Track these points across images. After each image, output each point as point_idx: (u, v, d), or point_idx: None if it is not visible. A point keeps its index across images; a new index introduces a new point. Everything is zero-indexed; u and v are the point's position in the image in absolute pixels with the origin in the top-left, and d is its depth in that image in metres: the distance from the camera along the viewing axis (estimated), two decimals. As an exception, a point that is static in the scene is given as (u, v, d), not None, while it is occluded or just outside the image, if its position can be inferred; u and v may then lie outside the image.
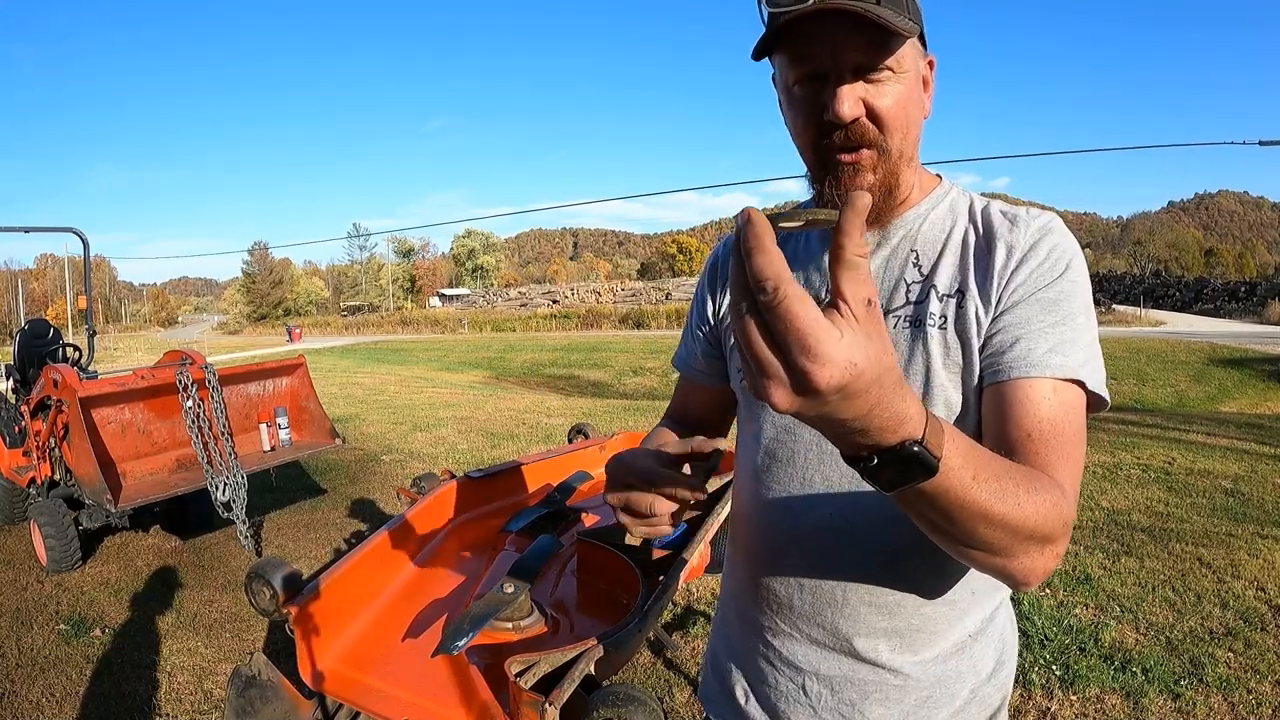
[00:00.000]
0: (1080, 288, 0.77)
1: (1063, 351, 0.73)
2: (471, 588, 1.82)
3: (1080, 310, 0.76)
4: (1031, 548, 0.64)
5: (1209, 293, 39.48)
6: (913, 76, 0.78)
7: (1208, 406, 13.23)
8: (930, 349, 0.79)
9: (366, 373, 18.05)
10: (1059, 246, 0.78)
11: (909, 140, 0.80)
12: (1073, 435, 0.72)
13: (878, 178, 0.80)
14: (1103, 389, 0.75)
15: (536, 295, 51.77)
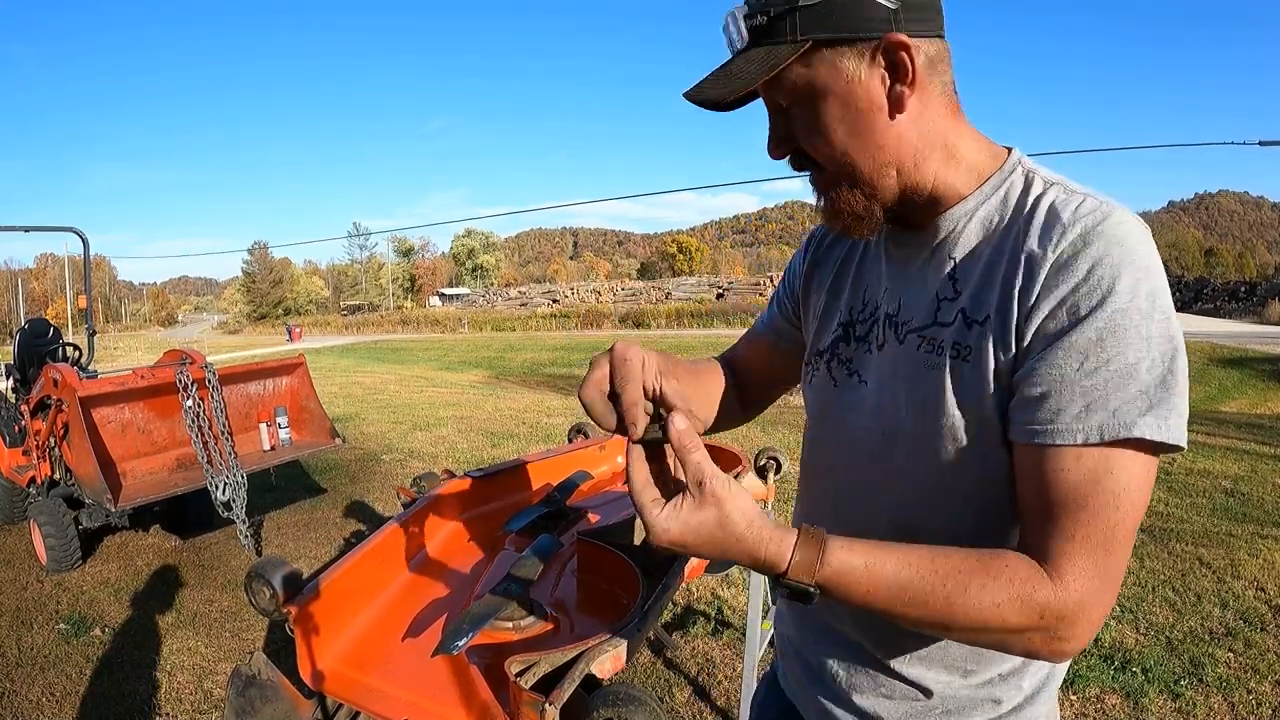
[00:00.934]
0: (1133, 313, 0.63)
1: (1099, 408, 0.63)
2: (471, 588, 1.82)
3: (1132, 344, 0.63)
4: (1010, 639, 0.64)
5: (1209, 293, 39.48)
6: (832, 100, 0.72)
7: (1208, 406, 13.22)
8: (944, 382, 0.72)
9: (366, 372, 18.05)
10: (1102, 262, 0.64)
11: (863, 156, 0.73)
12: (1099, 510, 0.63)
13: (839, 191, 0.76)
14: (1171, 435, 0.63)
15: (536, 295, 51.76)
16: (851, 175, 0.74)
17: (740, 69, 0.72)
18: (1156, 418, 0.63)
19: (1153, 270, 0.65)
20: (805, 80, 0.72)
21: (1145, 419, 0.63)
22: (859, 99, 0.71)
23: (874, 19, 0.69)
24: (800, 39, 0.69)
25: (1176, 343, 0.65)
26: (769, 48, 0.71)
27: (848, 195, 0.76)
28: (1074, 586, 0.63)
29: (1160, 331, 0.64)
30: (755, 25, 0.71)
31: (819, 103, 0.72)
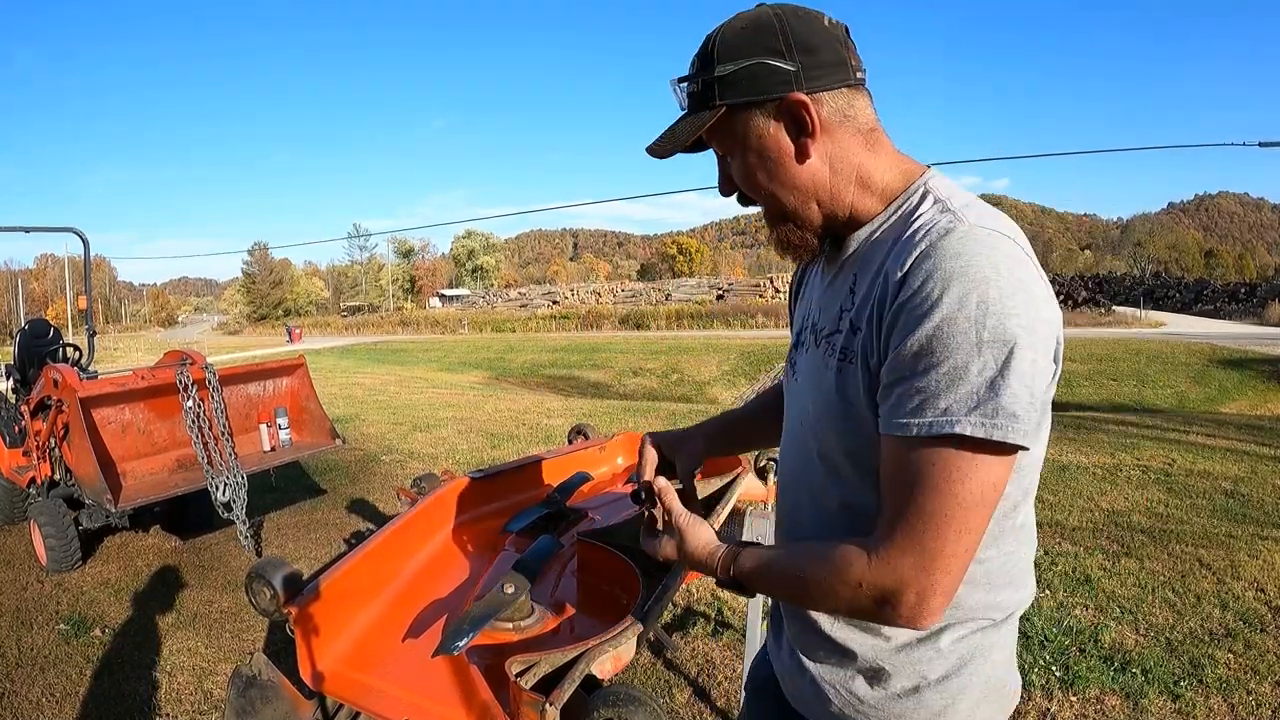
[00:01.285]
0: (961, 320, 0.70)
1: (930, 406, 0.72)
2: (471, 588, 1.82)
3: (960, 349, 0.70)
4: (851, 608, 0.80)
5: (1209, 294, 39.48)
6: (750, 153, 0.87)
7: (1208, 408, 13.24)
8: (835, 382, 0.85)
9: (366, 373, 18.05)
10: (933, 275, 0.73)
11: (785, 196, 0.87)
12: (924, 499, 0.73)
13: (776, 225, 0.91)
14: (995, 433, 0.70)
15: (536, 296, 51.75)
16: (781, 211, 0.89)
17: (678, 131, 0.90)
18: (981, 416, 0.70)
19: (989, 280, 0.71)
20: (728, 137, 0.88)
21: (970, 418, 0.70)
22: (770, 150, 0.86)
23: (776, 82, 0.83)
24: (718, 104, 0.86)
25: (1014, 345, 0.70)
26: (697, 113, 0.88)
27: (784, 228, 0.91)
28: (890, 563, 0.74)
29: (992, 336, 0.70)
30: (690, 93, 0.89)
31: (742, 154, 0.88)
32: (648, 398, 16.21)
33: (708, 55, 0.86)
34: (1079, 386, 15.76)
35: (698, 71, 0.88)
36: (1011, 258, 0.73)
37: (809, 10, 0.85)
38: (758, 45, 0.83)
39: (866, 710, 0.89)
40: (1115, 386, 15.64)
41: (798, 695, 0.98)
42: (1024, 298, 0.72)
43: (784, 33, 0.83)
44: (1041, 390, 0.73)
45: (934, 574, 0.73)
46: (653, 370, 21.75)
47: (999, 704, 0.91)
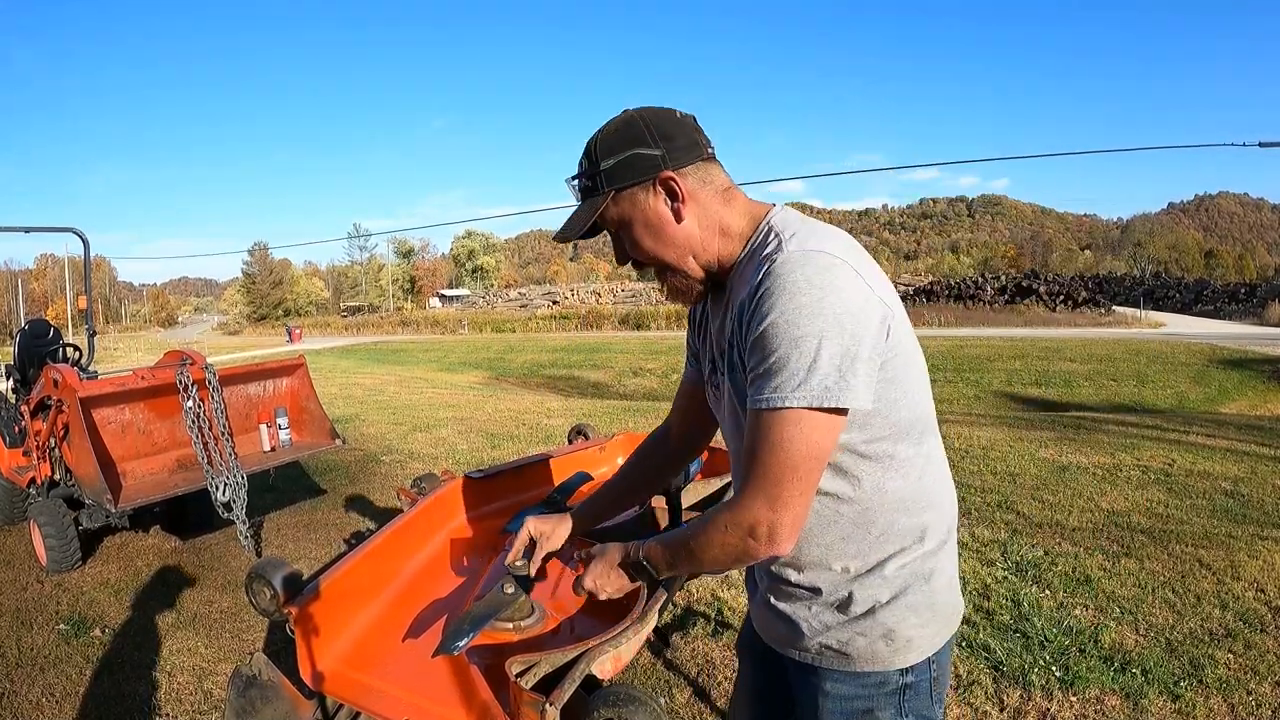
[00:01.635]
0: (781, 324, 0.94)
1: (767, 387, 0.95)
2: (471, 588, 1.82)
3: (783, 344, 0.94)
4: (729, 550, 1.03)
5: (1209, 294, 39.49)
6: (636, 224, 1.10)
7: (1208, 408, 13.24)
8: (730, 390, 1.10)
9: (366, 373, 18.05)
10: (769, 292, 0.96)
11: (669, 254, 1.11)
12: (767, 455, 0.96)
13: (667, 278, 1.14)
14: (799, 399, 0.93)
15: (536, 296, 51.77)
16: (668, 266, 1.12)
17: (576, 219, 1.12)
18: (802, 391, 0.93)
19: (800, 290, 0.94)
20: (618, 215, 1.11)
21: (795, 394, 0.93)
22: (653, 218, 1.09)
23: (649, 166, 1.07)
24: (605, 191, 1.09)
25: (821, 338, 0.92)
26: (590, 201, 1.11)
27: (673, 279, 1.14)
28: (746, 506, 0.99)
29: (802, 333, 0.93)
30: (582, 188, 1.12)
31: (631, 225, 1.11)
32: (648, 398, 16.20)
33: (591, 155, 1.10)
34: (1079, 386, 15.76)
35: (585, 169, 1.11)
36: (821, 268, 0.95)
37: (663, 109, 1.11)
38: (630, 140, 1.07)
39: (834, 633, 1.09)
40: (1115, 387, 15.64)
41: (775, 636, 1.19)
42: (831, 299, 0.93)
43: (648, 128, 1.07)
44: (858, 366, 0.94)
45: (779, 511, 0.97)
46: (653, 370, 21.75)
47: (943, 621, 1.11)
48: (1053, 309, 32.45)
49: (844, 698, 1.11)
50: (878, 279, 1.02)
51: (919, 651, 1.09)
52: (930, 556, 1.09)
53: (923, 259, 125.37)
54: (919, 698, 1.11)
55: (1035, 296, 33.85)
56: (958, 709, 2.49)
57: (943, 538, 1.11)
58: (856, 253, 1.02)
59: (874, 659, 1.08)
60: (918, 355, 1.07)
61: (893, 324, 1.00)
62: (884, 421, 1.03)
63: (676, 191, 1.07)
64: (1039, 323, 29.42)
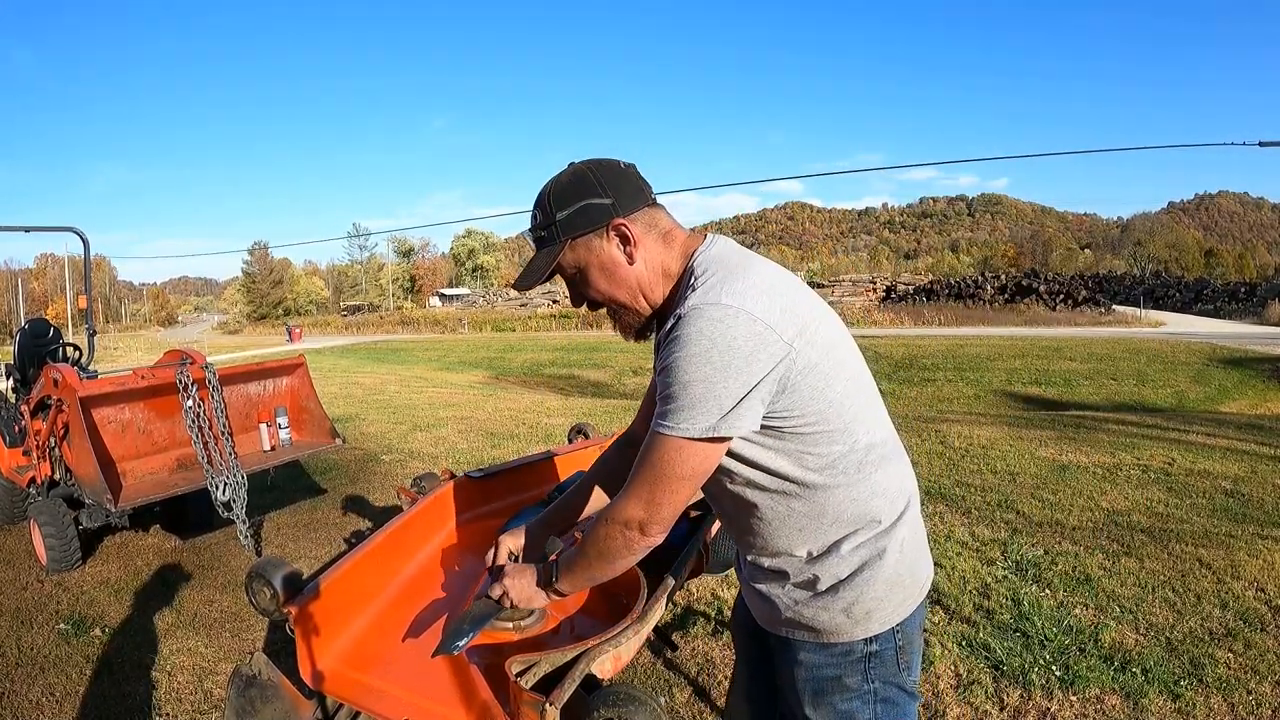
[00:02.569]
0: (675, 369, 1.07)
1: (659, 415, 1.11)
2: (471, 588, 1.82)
3: (675, 382, 1.07)
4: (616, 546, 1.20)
5: (1209, 293, 39.45)
6: (592, 268, 1.21)
7: (1208, 407, 13.23)
8: None
9: (366, 373, 18.05)
10: (673, 339, 1.09)
11: (621, 294, 1.22)
12: (645, 466, 1.13)
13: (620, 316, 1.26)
14: (679, 429, 1.08)
15: (537, 295, 51.69)
16: (621, 305, 1.24)
17: (535, 267, 1.23)
18: (677, 423, 1.08)
19: (690, 341, 1.06)
20: (574, 260, 1.21)
21: (679, 427, 1.08)
22: (607, 261, 1.20)
23: (601, 214, 1.17)
24: (562, 239, 1.19)
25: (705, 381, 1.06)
26: (547, 249, 1.21)
27: (625, 316, 1.26)
28: (626, 506, 1.16)
29: (689, 377, 1.06)
30: (538, 238, 1.22)
31: (586, 269, 1.21)
32: (648, 397, 16.15)
33: (546, 207, 1.19)
34: (1079, 386, 15.75)
35: (540, 221, 1.20)
36: (713, 320, 1.06)
37: (608, 160, 1.21)
38: (581, 192, 1.17)
39: (802, 608, 1.21)
40: (1115, 386, 15.63)
41: (759, 614, 1.32)
42: (719, 349, 1.05)
43: (597, 179, 1.18)
44: (742, 404, 1.07)
45: (651, 512, 1.14)
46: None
47: (906, 592, 1.21)
48: (1053, 308, 32.42)
49: (815, 666, 1.22)
50: (787, 316, 1.10)
51: (881, 622, 1.19)
52: (884, 535, 1.19)
53: (923, 258, 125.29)
54: (884, 666, 1.21)
55: (1035, 295, 33.82)
56: (958, 709, 2.49)
57: (895, 517, 1.21)
58: (764, 294, 1.10)
59: (838, 631, 1.19)
60: (844, 368, 1.17)
61: (797, 355, 1.09)
62: (816, 431, 1.14)
63: (628, 236, 1.18)
64: (1039, 322, 29.39)
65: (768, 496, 1.19)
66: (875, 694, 1.21)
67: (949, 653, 2.82)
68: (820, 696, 1.22)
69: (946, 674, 2.69)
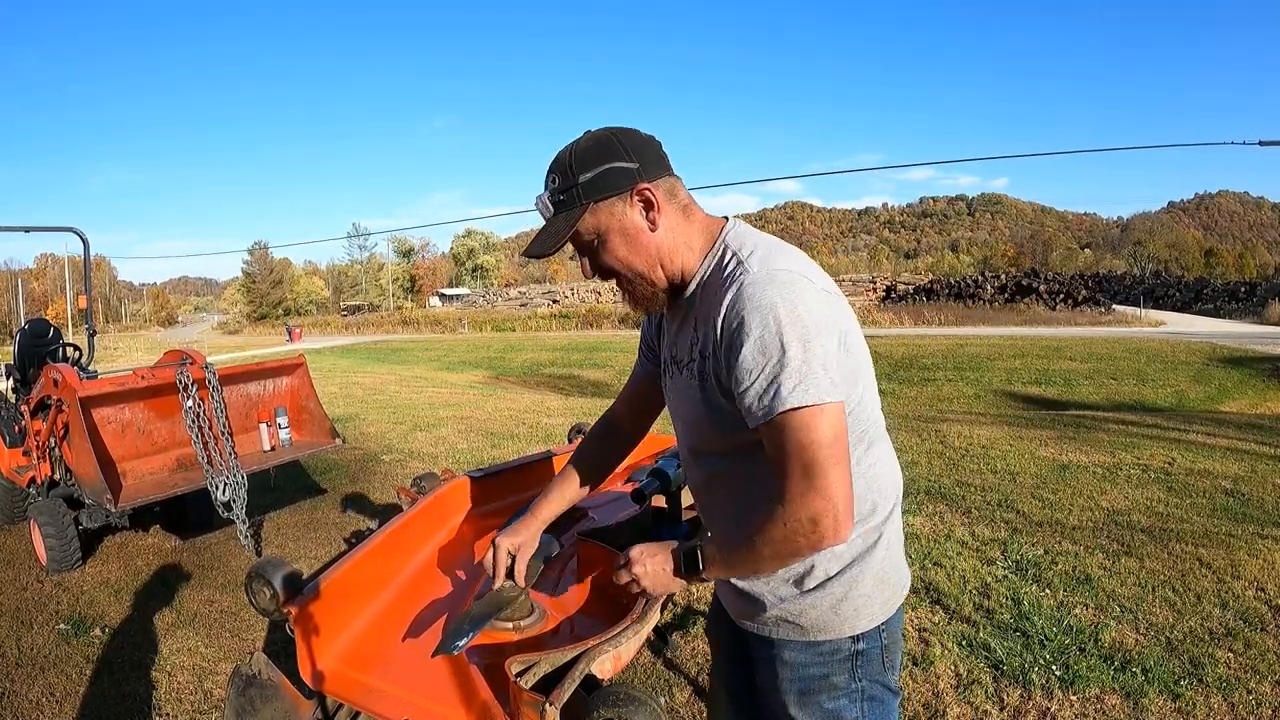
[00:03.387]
0: (754, 340, 1.03)
1: (764, 396, 1.03)
2: (471, 588, 1.82)
3: (763, 349, 1.02)
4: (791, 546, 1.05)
5: (1209, 293, 39.43)
6: (613, 234, 1.16)
7: (1208, 407, 13.23)
8: (708, 394, 1.16)
9: (366, 372, 18.04)
10: (742, 310, 1.04)
11: (640, 262, 1.17)
12: (798, 453, 1.02)
13: (633, 286, 1.21)
14: (807, 395, 1.01)
15: (536, 295, 51.69)
16: (637, 274, 1.19)
17: (552, 231, 1.17)
18: (802, 390, 1.01)
19: (775, 305, 1.03)
20: (594, 225, 1.16)
21: (805, 394, 1.01)
22: (629, 227, 1.16)
23: (626, 179, 1.13)
24: (584, 202, 1.14)
25: (805, 341, 1.02)
26: (566, 213, 1.15)
27: (640, 287, 1.20)
28: (801, 502, 1.02)
29: (792, 339, 1.01)
30: (556, 201, 1.16)
31: (607, 235, 1.16)
32: (648, 397, 16.14)
33: (566, 170, 1.14)
34: (1079, 385, 15.74)
35: (560, 184, 1.15)
36: (785, 284, 1.05)
37: (628, 128, 1.18)
38: (605, 155, 1.13)
39: (789, 605, 1.19)
40: (1115, 385, 15.62)
41: (738, 611, 1.29)
42: (802, 310, 1.03)
43: (621, 144, 1.14)
44: (835, 362, 1.04)
45: (832, 498, 1.01)
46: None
47: (889, 591, 1.21)
48: (1053, 308, 32.38)
49: (800, 665, 1.21)
50: (834, 291, 1.13)
51: (868, 619, 1.19)
52: (874, 530, 1.19)
53: (923, 258, 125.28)
54: (871, 664, 1.20)
55: (1035, 295, 33.78)
56: (958, 708, 2.49)
57: (886, 514, 1.21)
58: (811, 266, 1.12)
59: (825, 628, 1.18)
60: (868, 363, 1.18)
61: (846, 318, 1.11)
62: (852, 416, 1.13)
63: (653, 202, 1.15)
64: (1039, 321, 29.35)
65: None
66: (862, 692, 1.21)
67: (949, 653, 2.82)
68: (807, 696, 1.21)
69: (946, 674, 2.69)
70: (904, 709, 2.50)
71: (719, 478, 1.24)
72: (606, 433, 1.56)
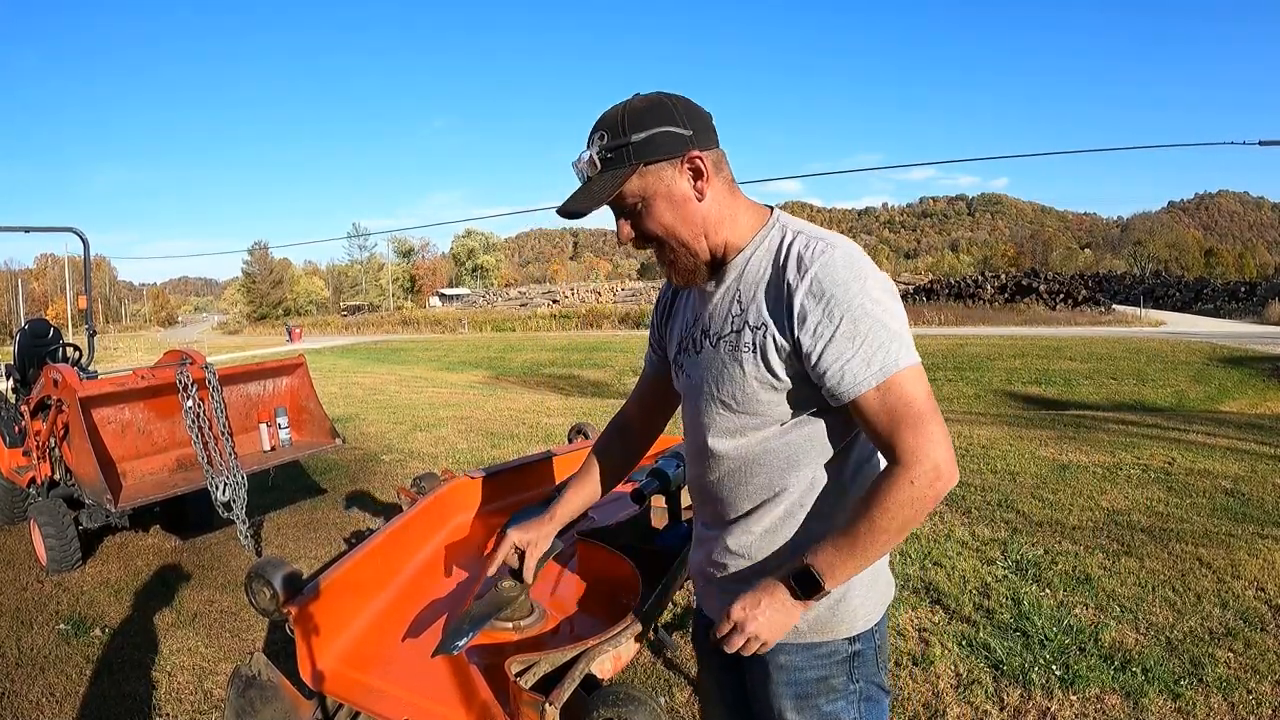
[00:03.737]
0: (859, 306, 1.04)
1: (871, 361, 1.04)
2: (471, 588, 1.82)
3: (861, 319, 1.04)
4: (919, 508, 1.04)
5: (1209, 293, 39.45)
6: (659, 198, 1.12)
7: (1208, 406, 13.22)
8: (745, 368, 1.14)
9: (366, 372, 18.04)
10: (828, 279, 1.05)
11: (684, 231, 1.14)
12: (906, 411, 1.04)
13: (676, 255, 1.17)
14: (909, 356, 1.05)
15: (537, 295, 51.73)
16: (680, 242, 1.15)
17: (598, 187, 1.12)
18: (906, 350, 1.05)
19: (863, 274, 1.06)
20: (641, 188, 1.12)
21: (903, 355, 1.05)
22: (676, 194, 1.12)
23: (678, 144, 1.10)
24: (634, 163, 1.10)
25: (890, 305, 1.06)
26: (613, 172, 1.11)
27: (682, 257, 1.17)
28: (918, 456, 1.03)
29: (882, 308, 1.05)
30: (605, 158, 1.11)
31: (652, 200, 1.13)
32: (648, 397, 16.13)
33: (618, 127, 1.10)
34: (1079, 385, 15.74)
35: (610, 142, 1.11)
36: (861, 255, 1.09)
37: (681, 95, 1.15)
38: (661, 117, 1.10)
39: None
40: (1115, 385, 15.62)
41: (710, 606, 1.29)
42: (886, 281, 1.09)
43: (676, 108, 1.11)
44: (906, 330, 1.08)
45: (940, 446, 1.04)
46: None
47: (882, 591, 1.23)
48: (1053, 307, 32.39)
49: (797, 669, 1.20)
50: None
51: (864, 620, 1.20)
52: None
53: (923, 258, 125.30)
54: (866, 665, 1.21)
55: (1035, 295, 33.80)
56: (958, 708, 2.49)
57: None
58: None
59: (822, 630, 1.18)
60: None
61: None
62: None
63: (703, 170, 1.12)
64: (1039, 321, 29.35)
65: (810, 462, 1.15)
66: (859, 693, 1.21)
67: (949, 652, 2.82)
68: (804, 700, 1.20)
69: (946, 674, 2.69)
70: (904, 709, 2.50)
71: (751, 459, 1.18)
72: (618, 436, 1.54)
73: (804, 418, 1.14)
